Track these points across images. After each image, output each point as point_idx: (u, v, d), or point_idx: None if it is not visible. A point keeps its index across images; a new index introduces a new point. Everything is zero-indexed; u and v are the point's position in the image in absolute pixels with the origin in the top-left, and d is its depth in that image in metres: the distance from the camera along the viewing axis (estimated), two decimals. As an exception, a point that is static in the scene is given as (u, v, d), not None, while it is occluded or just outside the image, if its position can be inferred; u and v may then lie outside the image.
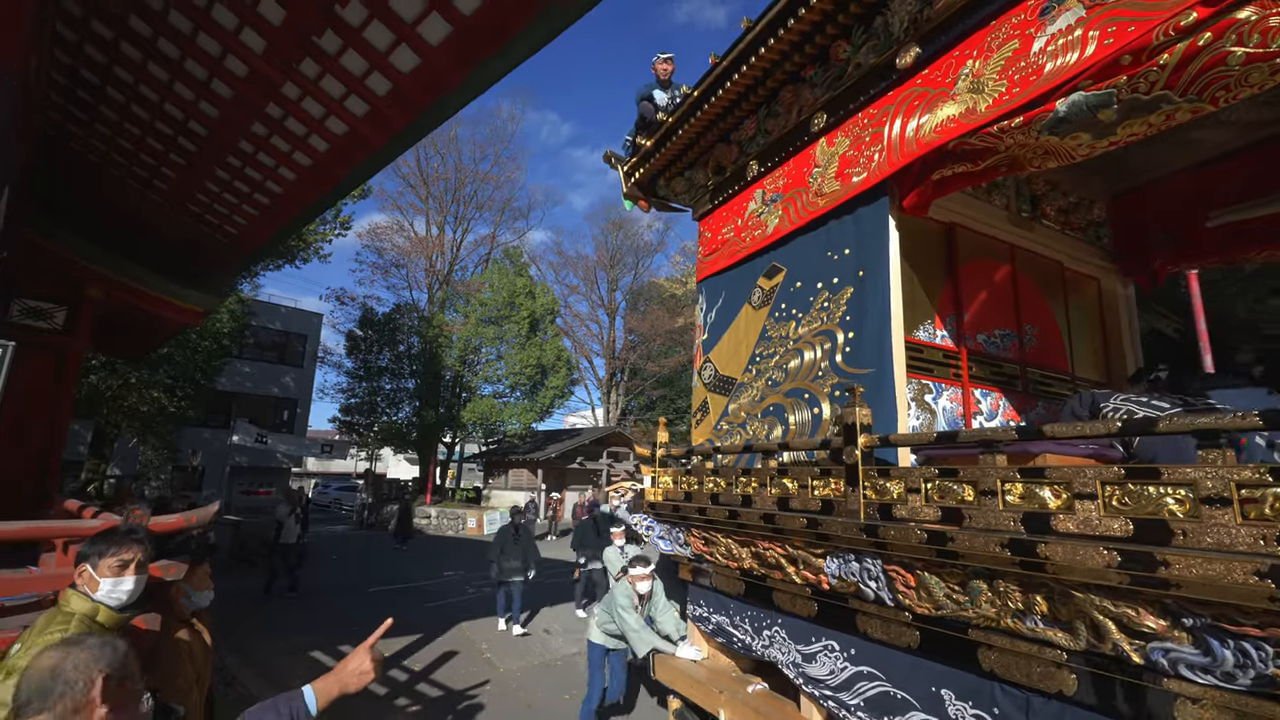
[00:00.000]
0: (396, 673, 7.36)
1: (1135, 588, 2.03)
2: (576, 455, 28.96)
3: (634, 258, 43.67)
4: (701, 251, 5.37)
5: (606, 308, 42.52)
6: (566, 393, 31.31)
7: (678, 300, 38.13)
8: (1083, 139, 2.70)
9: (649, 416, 43.27)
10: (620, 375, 41.17)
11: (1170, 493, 2.00)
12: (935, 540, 2.61)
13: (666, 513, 4.74)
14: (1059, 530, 2.27)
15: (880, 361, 3.40)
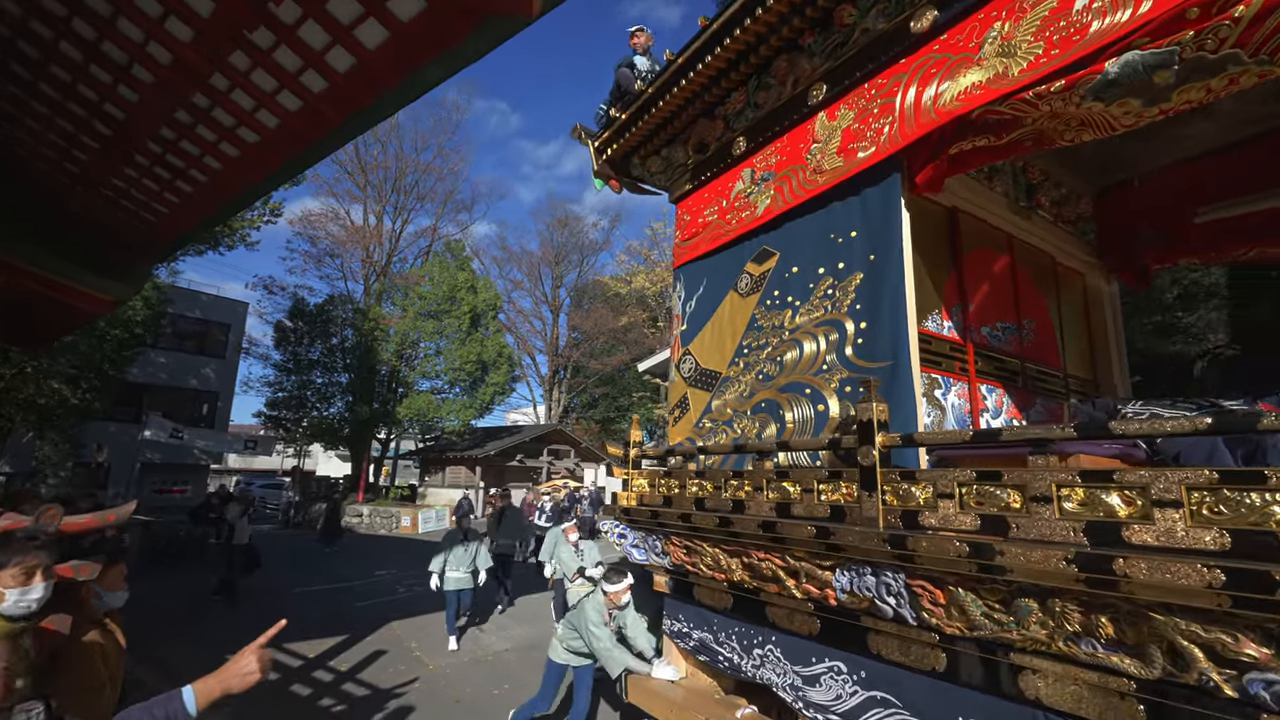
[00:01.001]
0: (321, 674, 6.87)
1: (1235, 611, 1.75)
2: (516, 452, 28.20)
3: (579, 255, 43.12)
4: (679, 236, 4.96)
5: (550, 304, 41.81)
6: (508, 389, 30.38)
7: (622, 299, 37.93)
8: (1131, 106, 2.44)
9: (591, 414, 42.90)
10: (563, 372, 40.56)
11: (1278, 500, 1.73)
12: (979, 553, 2.29)
13: (642, 519, 4.31)
14: (1133, 543, 1.98)
15: (896, 354, 3.08)
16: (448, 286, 27.84)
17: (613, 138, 5.04)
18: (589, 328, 38.38)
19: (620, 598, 4.45)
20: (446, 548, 7.65)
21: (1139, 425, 2.01)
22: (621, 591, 4.45)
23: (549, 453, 28.77)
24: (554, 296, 41.99)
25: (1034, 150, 2.95)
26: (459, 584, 7.58)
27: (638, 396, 39.52)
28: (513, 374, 31.57)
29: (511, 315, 40.04)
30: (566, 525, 7.32)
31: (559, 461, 28.73)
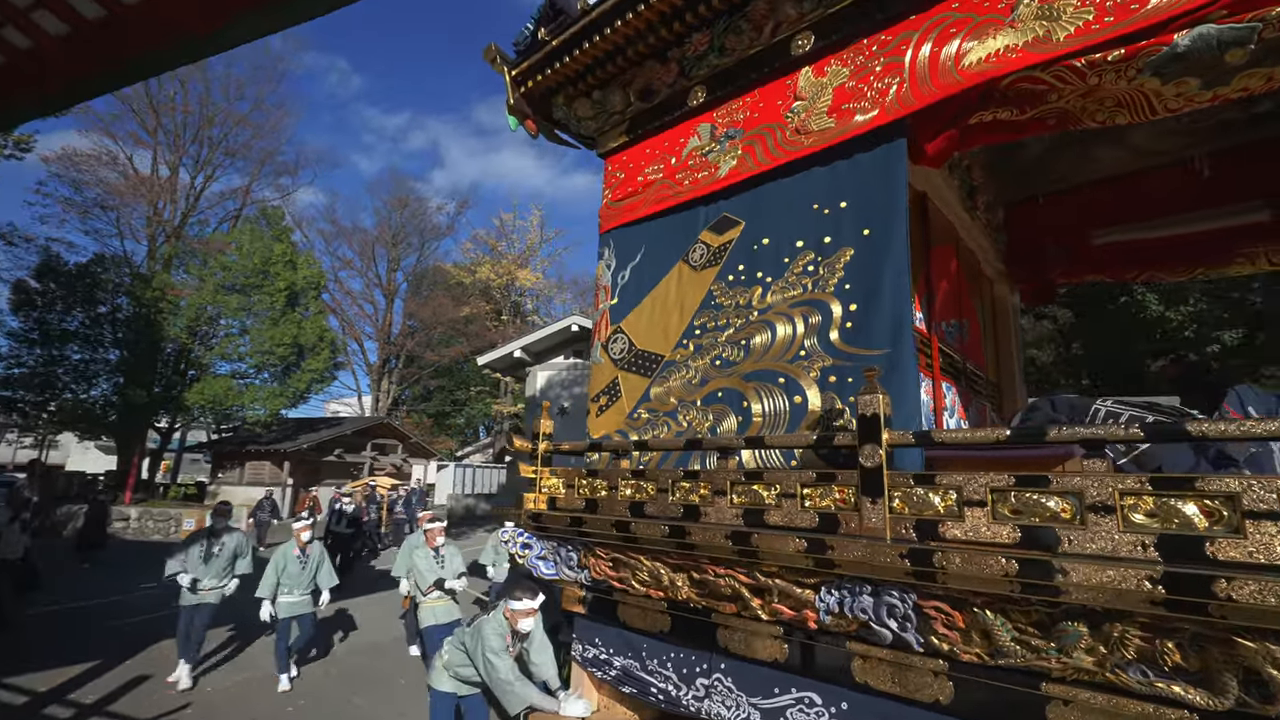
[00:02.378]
0: (57, 709, 5.35)
1: None
2: (335, 446, 25.26)
3: (420, 238, 39.87)
4: (610, 195, 4.36)
5: (384, 288, 38.25)
6: (328, 377, 27.03)
7: (465, 289, 36.15)
8: (1187, 87, 2.34)
9: (424, 408, 40.25)
10: (395, 362, 37.42)
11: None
12: (1033, 572, 2.00)
13: (556, 526, 3.64)
14: (1220, 559, 1.79)
15: (897, 341, 2.78)
16: (260, 258, 24.12)
17: (537, 67, 4.29)
18: (427, 316, 35.69)
19: (520, 620, 3.74)
20: (278, 565, 6.16)
21: (1230, 429, 1.84)
22: (528, 612, 3.73)
23: (373, 447, 26.19)
24: (389, 280, 38.45)
25: (1058, 129, 2.82)
26: (294, 609, 6.14)
27: (476, 391, 37.79)
28: (335, 360, 28.23)
29: (338, 296, 36.03)
30: (432, 526, 6.23)
31: (384, 457, 26.27)
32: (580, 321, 20.01)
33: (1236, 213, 3.76)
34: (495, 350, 21.48)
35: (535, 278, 36.96)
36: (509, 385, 31.74)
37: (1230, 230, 3.84)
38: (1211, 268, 4.16)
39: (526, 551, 3.83)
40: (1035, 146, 4.34)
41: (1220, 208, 3.80)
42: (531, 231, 37.56)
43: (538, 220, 37.77)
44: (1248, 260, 3.93)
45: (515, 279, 35.90)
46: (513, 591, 3.76)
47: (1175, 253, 4.17)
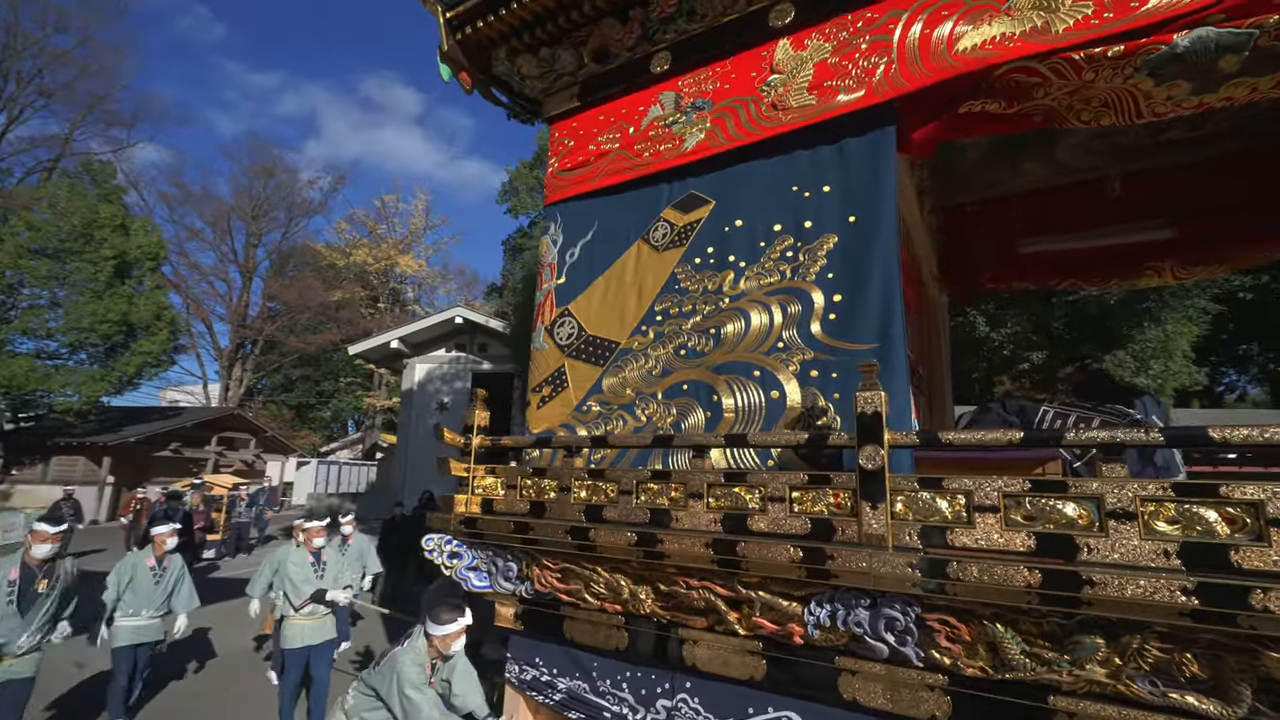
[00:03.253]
0: None
1: None
2: (171, 440, 22.08)
3: (287, 213, 35.73)
4: (556, 165, 3.90)
5: (241, 265, 34.04)
6: (164, 361, 23.49)
7: (337, 272, 33.05)
8: (1179, 90, 2.35)
9: (285, 398, 36.64)
10: (250, 347, 33.61)
11: None
12: (1057, 583, 1.89)
13: (494, 532, 3.18)
14: (1245, 568, 1.76)
15: (887, 335, 2.62)
16: (81, 220, 20.38)
17: (477, 11, 3.73)
18: (292, 299, 32.09)
19: (451, 643, 3.24)
20: (119, 580, 4.92)
21: (1254, 435, 1.81)
22: (454, 635, 3.24)
23: (220, 441, 23.27)
24: (247, 256, 34.17)
25: (1043, 125, 2.78)
26: (139, 635, 4.95)
27: (346, 382, 34.86)
28: (175, 343, 24.63)
29: (183, 270, 31.66)
30: (311, 525, 5.34)
31: (233, 453, 23.45)
32: (466, 314, 18.89)
33: (1144, 230, 4.06)
34: (370, 339, 19.87)
35: (418, 265, 34.33)
36: (384, 377, 29.46)
37: (1139, 245, 4.15)
38: (1124, 279, 4.52)
39: (455, 562, 3.33)
40: (972, 154, 4.45)
41: (1131, 224, 4.09)
42: (416, 216, 34.72)
43: (423, 205, 34.94)
44: (1155, 273, 4.30)
45: (395, 265, 32.99)
46: (435, 612, 3.25)
47: (1092, 264, 4.47)
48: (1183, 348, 13.18)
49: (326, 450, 32.95)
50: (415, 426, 18.99)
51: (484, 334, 19.31)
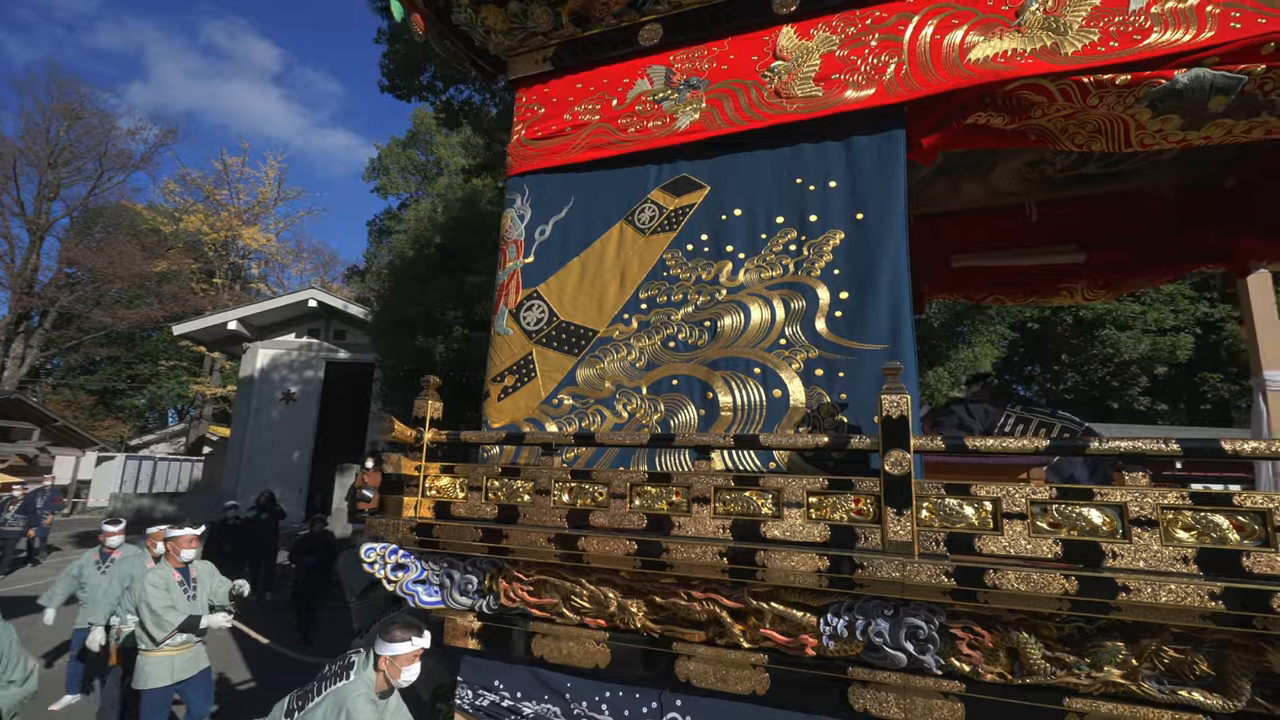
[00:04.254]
0: None
1: None
2: (-88, 428, 18.01)
3: (97, 165, 29.00)
4: (523, 132, 3.46)
5: (29, 220, 27.31)
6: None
7: (163, 239, 28.21)
8: (1169, 124, 2.45)
9: (84, 382, 31.11)
10: (37, 318, 27.89)
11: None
12: (1094, 590, 1.88)
13: (459, 540, 2.73)
14: (1256, 573, 1.83)
15: (897, 336, 2.53)
16: None
17: (440, -56, 3.20)
18: (100, 266, 26.30)
19: (403, 668, 2.72)
20: None
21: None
22: (408, 658, 2.73)
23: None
24: (40, 210, 27.22)
25: (1037, 144, 2.82)
26: None
27: (169, 365, 30.32)
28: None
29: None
30: (180, 534, 4.38)
31: (8, 445, 19.36)
32: (321, 296, 17.22)
33: (1060, 254, 4.41)
34: (202, 318, 17.54)
35: (266, 239, 30.00)
36: (217, 362, 25.89)
37: (1056, 267, 4.50)
38: (1042, 297, 4.90)
39: (401, 575, 2.83)
40: (918, 170, 4.57)
41: (1049, 248, 4.42)
42: (266, 185, 30.20)
43: (275, 173, 30.41)
44: (1068, 294, 4.70)
45: (238, 237, 28.70)
46: (387, 631, 2.74)
47: (1016, 281, 4.80)
48: (986, 367, 15.11)
49: (138, 444, 28.51)
50: (255, 418, 17.03)
51: (341, 320, 17.67)
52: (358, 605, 6.02)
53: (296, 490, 16.39)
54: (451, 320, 13.40)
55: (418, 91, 12.77)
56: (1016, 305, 5.59)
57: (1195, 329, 12.53)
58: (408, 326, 13.64)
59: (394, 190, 28.71)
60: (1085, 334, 12.75)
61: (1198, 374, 12.67)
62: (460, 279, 13.90)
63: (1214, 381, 12.53)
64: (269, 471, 16.07)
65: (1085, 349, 12.77)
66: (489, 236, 14.43)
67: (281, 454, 16.84)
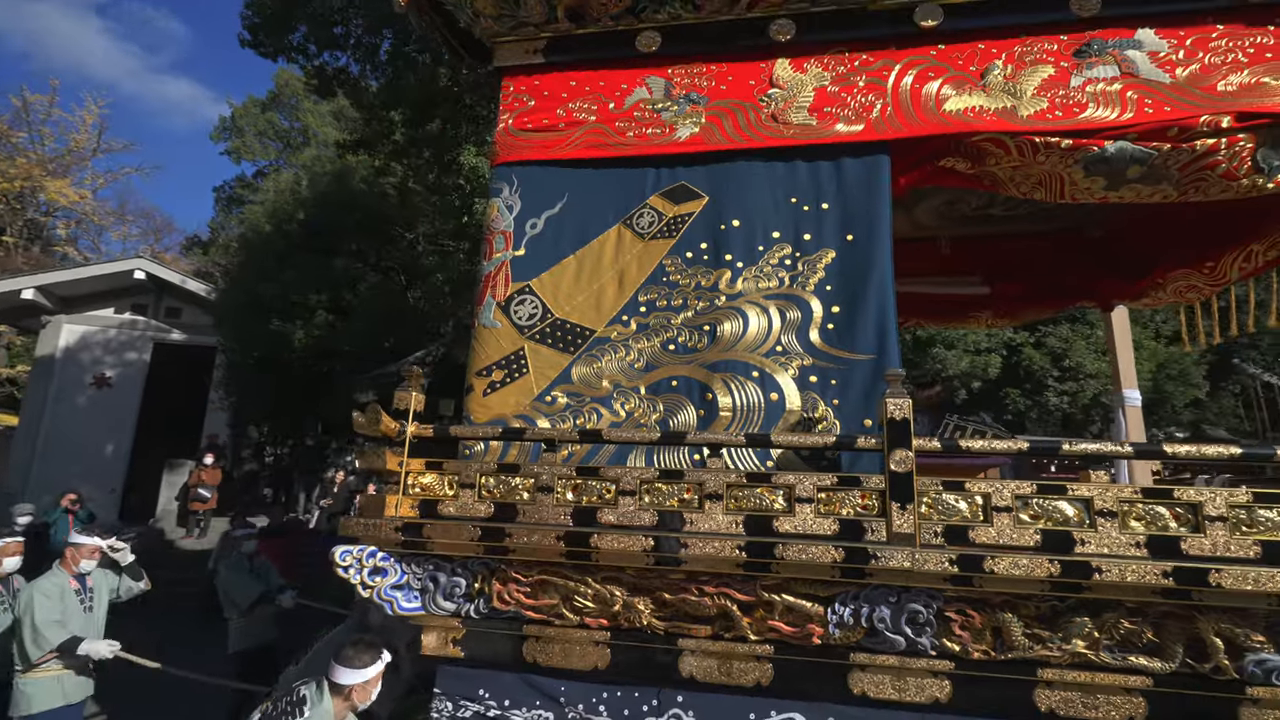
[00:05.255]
0: None
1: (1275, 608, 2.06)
2: None
3: None
4: (511, 121, 3.27)
5: None
6: None
7: None
8: (1095, 185, 2.83)
9: None
10: None
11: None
12: (1073, 573, 2.09)
13: (454, 540, 2.47)
14: (1191, 554, 2.13)
15: (884, 349, 2.68)
16: None
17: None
18: None
19: (370, 692, 2.39)
20: None
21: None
22: (374, 681, 2.40)
23: None
24: None
25: (990, 189, 3.13)
26: None
27: None
28: None
29: None
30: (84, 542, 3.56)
31: None
32: (151, 267, 14.62)
33: (969, 284, 4.92)
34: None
35: (78, 196, 24.51)
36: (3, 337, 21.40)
37: (965, 296, 5.01)
38: (955, 322, 5.41)
39: (378, 580, 2.51)
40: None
41: (960, 278, 4.92)
42: (82, 131, 24.44)
43: (94, 119, 24.58)
44: (976, 320, 5.25)
45: (40, 189, 23.40)
46: (346, 657, 2.41)
47: (931, 307, 5.26)
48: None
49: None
50: (55, 405, 14.08)
51: (176, 296, 15.13)
52: (240, 623, 5.25)
53: (108, 490, 13.62)
54: (314, 304, 12.13)
55: (285, 51, 11.34)
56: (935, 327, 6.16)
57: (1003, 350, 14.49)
58: (261, 308, 12.17)
59: (249, 155, 25.08)
60: (922, 351, 14.27)
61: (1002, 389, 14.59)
62: (326, 260, 12.63)
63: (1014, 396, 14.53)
64: (74, 468, 13.03)
65: (921, 364, 14.27)
66: (361, 216, 13.47)
67: (91, 448, 13.89)
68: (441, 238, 13.31)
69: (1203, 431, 15.87)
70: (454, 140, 11.53)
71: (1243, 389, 14.07)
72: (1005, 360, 14.24)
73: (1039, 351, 14.38)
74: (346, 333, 11.89)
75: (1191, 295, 4.01)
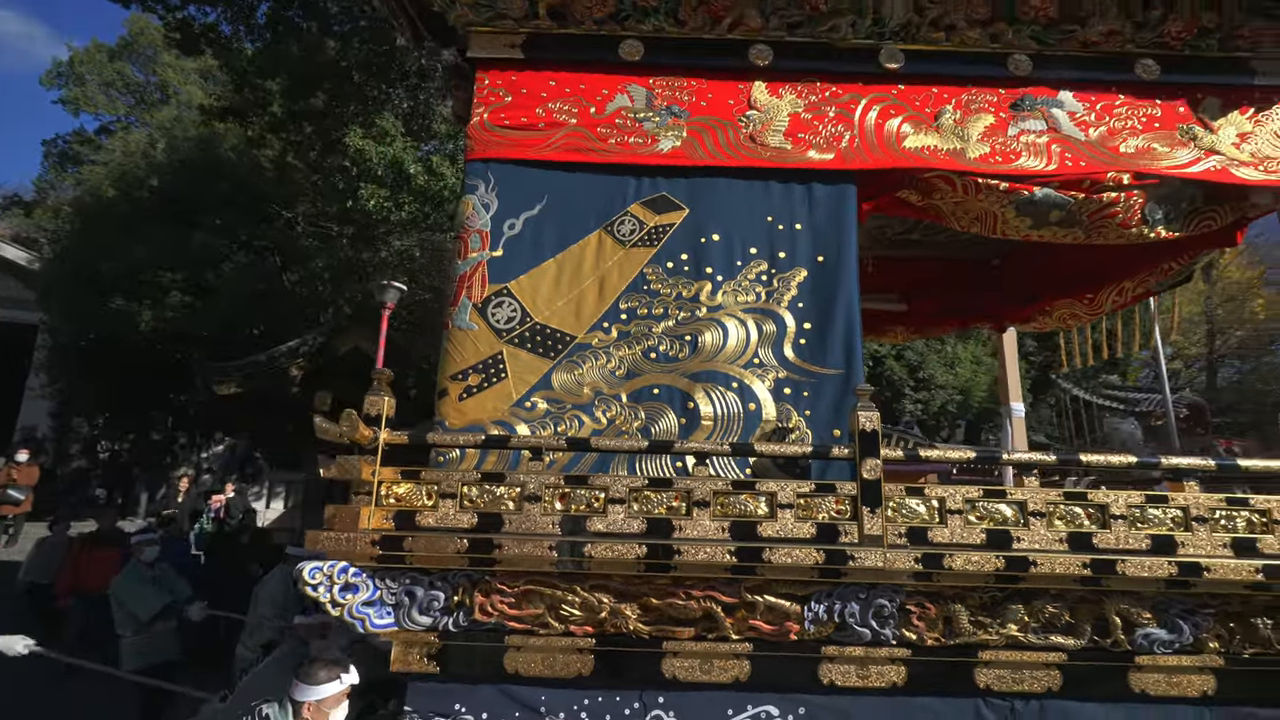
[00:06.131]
0: None
1: (1175, 592, 2.42)
2: None
3: None
4: (487, 116, 3.08)
5: None
6: None
7: None
8: (1023, 223, 3.15)
9: None
10: None
11: (1170, 514, 2.51)
12: (1015, 566, 2.33)
13: (439, 553, 2.31)
14: (1102, 548, 2.45)
15: (850, 365, 2.83)
16: None
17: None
18: None
19: (331, 711, 2.17)
20: None
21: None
22: (337, 699, 2.18)
23: None
24: None
25: (931, 220, 3.37)
26: None
27: None
28: None
29: None
30: None
31: None
32: None
33: (888, 300, 5.29)
34: None
35: None
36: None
37: (884, 312, 5.38)
38: (871, 335, 5.75)
39: (349, 597, 2.30)
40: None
41: (881, 294, 5.27)
42: None
43: None
44: (892, 334, 5.64)
45: None
46: (310, 674, 2.20)
47: None
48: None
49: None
50: None
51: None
52: (134, 640, 4.62)
53: None
54: (168, 283, 10.67)
55: None
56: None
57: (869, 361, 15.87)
58: (100, 284, 10.64)
59: (90, 108, 21.22)
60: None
61: (868, 397, 16.24)
62: (183, 233, 11.14)
63: (878, 404, 16.34)
64: None
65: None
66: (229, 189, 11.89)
67: None
68: (324, 220, 12.15)
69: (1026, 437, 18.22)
70: (340, 119, 10.71)
71: (1057, 400, 16.26)
72: (870, 370, 15.62)
73: (899, 363, 15.81)
74: (206, 315, 10.53)
75: (1072, 321, 4.61)
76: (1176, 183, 3.09)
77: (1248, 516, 2.52)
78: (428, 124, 11.40)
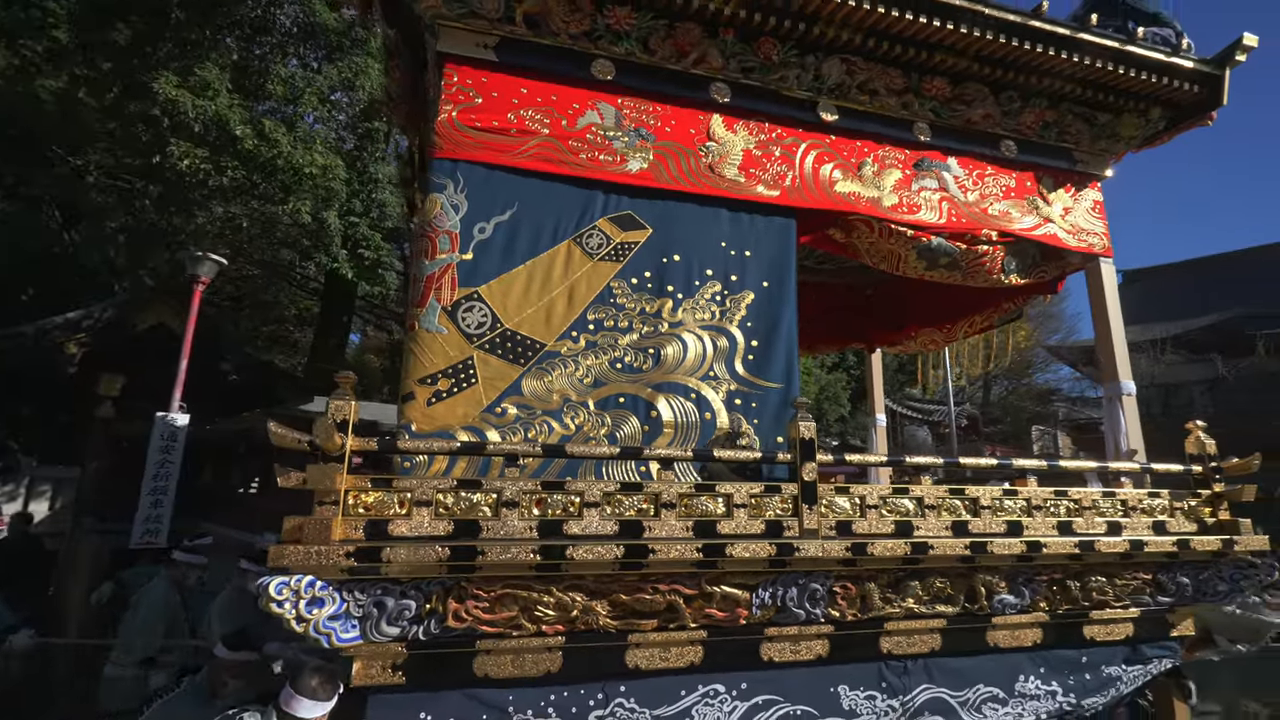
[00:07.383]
0: None
1: (1021, 565, 2.97)
2: None
3: None
4: (456, 114, 2.90)
5: None
6: None
7: None
8: (920, 265, 3.65)
9: None
10: None
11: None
12: (918, 550, 2.73)
13: (420, 561, 2.18)
14: (974, 533, 2.95)
15: (789, 381, 3.10)
16: None
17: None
18: None
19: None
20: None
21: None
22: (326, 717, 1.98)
23: None
24: None
25: (850, 256, 3.75)
26: None
27: None
28: None
29: None
30: None
31: None
32: None
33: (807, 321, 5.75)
34: None
35: None
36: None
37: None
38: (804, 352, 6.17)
39: (316, 612, 2.10)
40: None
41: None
42: None
43: None
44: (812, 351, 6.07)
45: None
46: (300, 683, 2.00)
47: None
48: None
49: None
50: None
51: None
52: None
53: None
54: None
55: None
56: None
57: None
58: None
59: None
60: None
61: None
62: None
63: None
64: None
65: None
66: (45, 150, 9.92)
67: None
68: (122, 174, 10.29)
69: (846, 441, 20.00)
70: (150, 61, 8.99)
71: (869, 409, 18.55)
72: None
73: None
74: None
75: (931, 346, 5.39)
76: (1025, 241, 3.77)
77: (1066, 504, 3.17)
78: (262, 83, 9.76)
